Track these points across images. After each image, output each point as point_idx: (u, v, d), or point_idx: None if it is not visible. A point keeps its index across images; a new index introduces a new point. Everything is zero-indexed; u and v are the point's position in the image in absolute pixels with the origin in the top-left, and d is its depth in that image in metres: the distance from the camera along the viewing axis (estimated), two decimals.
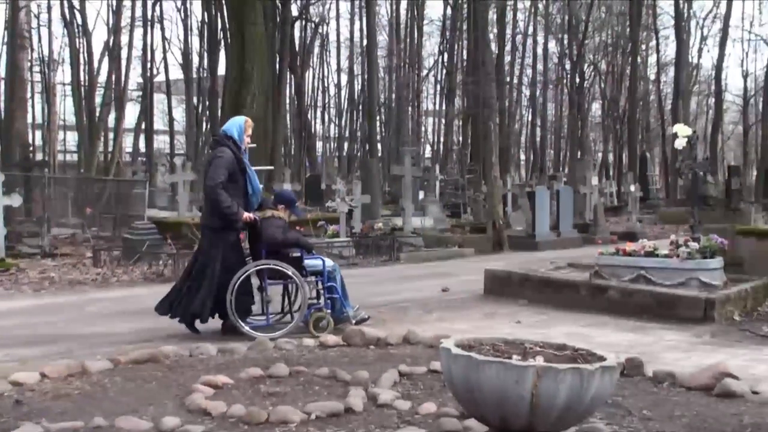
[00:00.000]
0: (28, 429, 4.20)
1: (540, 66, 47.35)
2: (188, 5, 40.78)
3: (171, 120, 41.84)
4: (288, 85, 36.39)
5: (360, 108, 44.33)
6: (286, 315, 7.99)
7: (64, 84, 39.74)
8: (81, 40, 35.39)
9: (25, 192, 18.16)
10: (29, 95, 35.61)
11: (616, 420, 4.55)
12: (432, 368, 5.62)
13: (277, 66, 28.51)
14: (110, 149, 35.97)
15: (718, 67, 41.99)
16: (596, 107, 53.01)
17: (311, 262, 7.81)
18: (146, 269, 12.97)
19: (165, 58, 41.56)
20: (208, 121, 36.96)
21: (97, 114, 34.44)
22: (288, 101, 38.26)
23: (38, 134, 37.99)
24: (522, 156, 53.21)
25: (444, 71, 44.53)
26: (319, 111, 49.43)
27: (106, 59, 36.37)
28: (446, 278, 11.97)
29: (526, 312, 8.95)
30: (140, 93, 41.22)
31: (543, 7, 46.18)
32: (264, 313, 7.70)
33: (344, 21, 48.29)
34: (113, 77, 36.09)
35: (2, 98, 26.20)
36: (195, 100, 40.27)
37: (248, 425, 4.38)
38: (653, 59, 49.49)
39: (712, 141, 42.50)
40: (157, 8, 39.91)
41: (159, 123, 44.14)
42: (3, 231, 13.68)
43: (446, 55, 43.88)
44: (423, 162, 34.53)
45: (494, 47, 34.52)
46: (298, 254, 7.71)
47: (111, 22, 36.14)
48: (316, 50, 46.62)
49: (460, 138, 43.62)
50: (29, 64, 35.55)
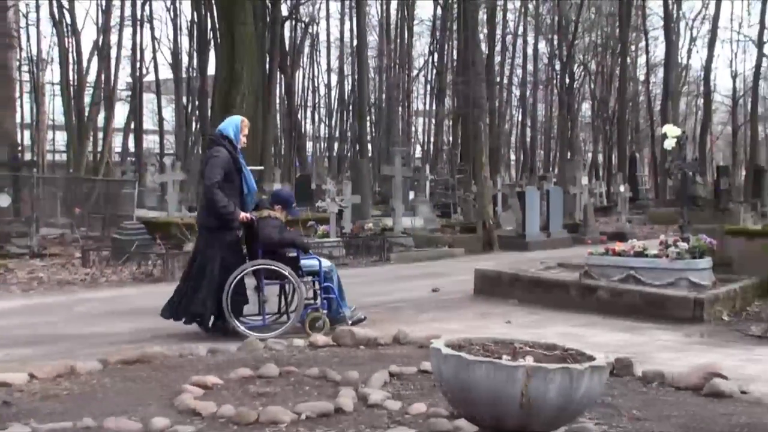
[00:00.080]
0: (17, 430, 4.18)
1: (530, 66, 47.45)
2: (178, 5, 40.74)
3: (160, 120, 41.77)
4: (278, 85, 36.31)
5: (350, 108, 44.36)
6: (283, 315, 7.97)
7: (53, 83, 39.62)
8: (70, 40, 35.23)
9: (14, 192, 18.07)
10: (18, 95, 35.51)
11: (606, 420, 4.55)
12: (422, 368, 5.62)
13: (267, 66, 28.44)
14: (99, 149, 35.81)
15: (707, 68, 42.17)
16: (586, 108, 53.26)
17: (308, 262, 7.81)
18: (135, 269, 12.92)
19: (154, 58, 41.59)
20: (198, 121, 36.90)
21: (86, 113, 34.26)
22: (278, 101, 38.20)
23: (27, 134, 37.75)
24: (512, 156, 53.32)
25: (434, 71, 44.56)
26: (310, 111, 49.52)
27: (96, 59, 36.21)
28: (437, 278, 11.97)
29: (517, 312, 8.96)
30: (129, 93, 41.08)
31: (533, 8, 46.26)
32: (260, 314, 7.69)
33: (334, 21, 48.42)
34: (102, 77, 35.93)
35: None
36: (185, 100, 40.20)
37: (238, 425, 4.37)
38: (643, 60, 49.75)
39: (701, 141, 42.62)
40: (147, 8, 39.85)
41: (148, 123, 43.99)
42: None
43: (436, 55, 43.90)
44: (413, 162, 34.53)
45: (484, 47, 34.54)
46: (295, 254, 7.71)
47: (100, 22, 36.02)
48: (307, 50, 46.68)
49: (451, 138, 43.67)
50: (18, 64, 35.40)
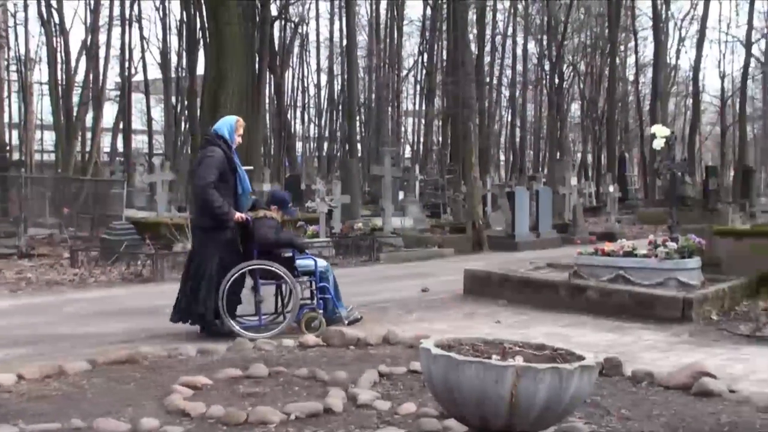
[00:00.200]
0: (5, 431, 4.16)
1: (519, 67, 47.45)
2: (167, 4, 40.55)
3: (149, 119, 41.67)
4: (267, 85, 36.24)
5: (340, 108, 44.31)
6: (279, 315, 7.95)
7: (41, 83, 39.37)
8: (58, 39, 35.07)
9: (2, 192, 18.03)
10: (6, 94, 35.36)
11: (595, 419, 4.57)
12: (412, 368, 5.62)
13: (257, 66, 28.38)
14: (88, 149, 35.71)
15: (696, 69, 42.39)
16: (575, 108, 53.35)
17: (303, 263, 7.80)
18: (124, 270, 12.87)
19: (143, 58, 41.49)
20: (187, 121, 36.74)
21: (75, 113, 34.15)
22: (268, 101, 38.13)
23: (15, 134, 37.62)
24: (501, 156, 53.37)
25: (424, 71, 44.55)
26: (299, 111, 49.46)
27: (84, 58, 36.08)
28: (426, 278, 11.97)
29: (506, 312, 8.96)
30: (118, 92, 40.93)
31: (522, 8, 46.31)
32: (257, 314, 7.67)
33: (324, 21, 48.34)
34: (91, 76, 35.80)
35: None
36: (173, 100, 40.10)
37: (227, 426, 4.36)
38: (632, 60, 49.81)
39: (690, 142, 42.81)
40: (135, 7, 39.65)
41: (137, 122, 43.79)
42: None
43: (426, 56, 43.88)
44: (403, 162, 34.58)
45: (474, 48, 34.46)
46: (290, 254, 7.70)
47: (89, 21, 35.90)
48: (296, 50, 46.57)
49: (440, 138, 43.70)
50: (5, 63, 35.26)
